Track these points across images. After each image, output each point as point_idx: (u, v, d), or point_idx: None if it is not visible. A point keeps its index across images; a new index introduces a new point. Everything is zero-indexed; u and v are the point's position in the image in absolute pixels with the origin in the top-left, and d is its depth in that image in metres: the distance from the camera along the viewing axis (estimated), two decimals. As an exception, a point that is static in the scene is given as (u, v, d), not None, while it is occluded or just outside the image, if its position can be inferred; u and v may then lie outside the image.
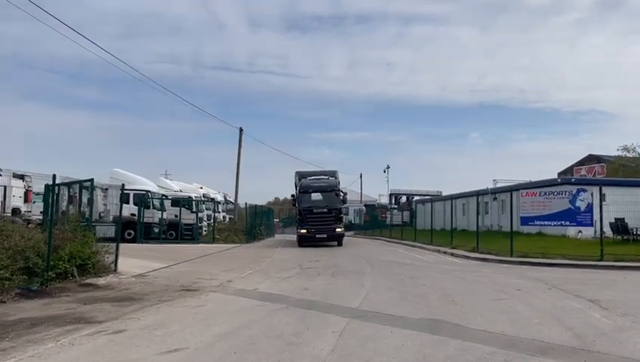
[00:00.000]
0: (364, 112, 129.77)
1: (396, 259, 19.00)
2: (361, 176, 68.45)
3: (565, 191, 16.75)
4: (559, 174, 71.16)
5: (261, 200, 57.36)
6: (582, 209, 16.10)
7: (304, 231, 25.99)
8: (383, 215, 55.95)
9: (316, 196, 26.41)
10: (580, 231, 25.21)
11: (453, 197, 40.04)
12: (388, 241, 33.39)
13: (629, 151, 54.98)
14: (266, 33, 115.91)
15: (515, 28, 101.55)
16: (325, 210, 25.88)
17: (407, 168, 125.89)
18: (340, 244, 26.67)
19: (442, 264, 17.17)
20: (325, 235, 26.05)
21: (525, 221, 17.45)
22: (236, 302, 9.52)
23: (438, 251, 22.56)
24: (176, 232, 28.59)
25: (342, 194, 27.04)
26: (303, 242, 26.16)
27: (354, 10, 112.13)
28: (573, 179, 27.85)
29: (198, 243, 27.86)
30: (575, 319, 7.56)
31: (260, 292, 10.80)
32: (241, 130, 33.86)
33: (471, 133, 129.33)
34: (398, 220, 49.88)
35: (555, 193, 16.91)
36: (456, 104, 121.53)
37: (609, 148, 70.83)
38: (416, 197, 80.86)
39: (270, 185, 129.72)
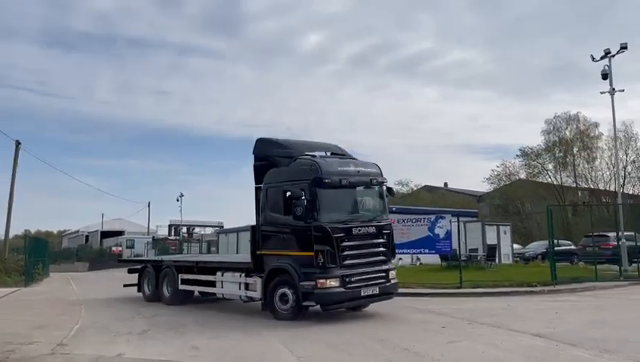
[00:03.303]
0: (136, 139, 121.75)
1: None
2: (149, 205, 62.59)
3: (424, 218, 16.63)
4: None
5: None
6: (441, 236, 16.07)
7: (334, 281, 10.27)
8: (173, 247, 51.74)
9: (355, 197, 11.61)
10: (400, 259, 26.11)
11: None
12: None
13: (403, 186, 61.53)
14: (21, 46, 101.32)
15: (287, 72, 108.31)
16: (374, 231, 11.15)
17: (184, 199, 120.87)
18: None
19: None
20: (377, 289, 10.83)
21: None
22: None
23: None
24: None
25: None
26: (329, 306, 10.58)
27: (127, 34, 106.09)
28: (394, 208, 28.80)
29: (-48, 288, 20.81)
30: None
31: (135, 359, 7.45)
32: (18, 143, 27.15)
33: (245, 166, 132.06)
34: (195, 252, 46.82)
35: (414, 220, 16.67)
36: (232, 137, 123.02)
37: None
38: (196, 228, 78.07)
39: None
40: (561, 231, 38.29)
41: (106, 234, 63.75)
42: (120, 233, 62.16)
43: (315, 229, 10.33)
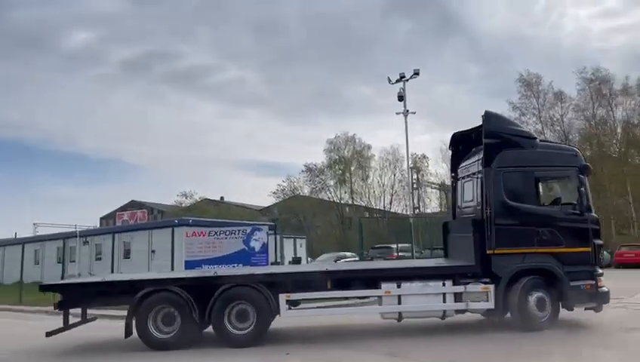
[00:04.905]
0: None
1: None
2: None
3: (239, 231, 15.13)
4: (102, 219, 69.42)
5: None
6: (257, 249, 14.81)
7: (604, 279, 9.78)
8: None
9: None
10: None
11: (23, 242, 32.55)
12: None
13: (187, 197, 59.00)
14: None
15: (46, 69, 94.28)
16: None
17: None
18: None
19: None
20: None
21: (192, 265, 14.72)
22: None
23: (47, 312, 16.84)
24: None
25: None
26: (601, 306, 9.45)
27: None
28: (190, 221, 26.40)
29: None
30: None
31: None
32: None
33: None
34: None
35: (228, 233, 15.06)
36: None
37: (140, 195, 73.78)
38: None
39: None
40: (339, 243, 40.80)
41: None
42: None
43: (592, 222, 9.55)
